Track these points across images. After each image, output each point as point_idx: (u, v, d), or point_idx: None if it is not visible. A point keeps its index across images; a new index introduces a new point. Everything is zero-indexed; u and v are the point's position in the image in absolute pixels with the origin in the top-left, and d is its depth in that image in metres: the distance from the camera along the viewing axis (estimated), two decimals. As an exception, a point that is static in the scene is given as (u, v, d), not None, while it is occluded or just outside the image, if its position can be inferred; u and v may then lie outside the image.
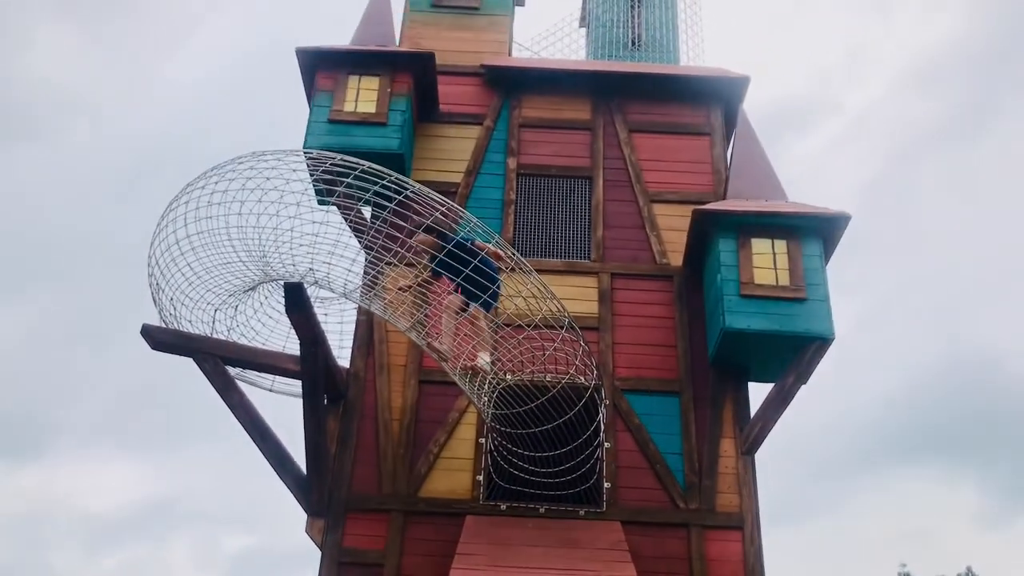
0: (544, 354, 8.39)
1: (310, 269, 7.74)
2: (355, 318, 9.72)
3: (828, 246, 9.52)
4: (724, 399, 9.30)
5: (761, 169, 10.18)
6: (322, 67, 10.48)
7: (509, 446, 8.70)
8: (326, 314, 9.79)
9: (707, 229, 9.53)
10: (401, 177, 7.58)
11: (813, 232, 9.38)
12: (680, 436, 9.14)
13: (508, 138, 10.95)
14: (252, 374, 9.75)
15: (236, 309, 9.25)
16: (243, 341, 9.41)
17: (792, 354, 8.91)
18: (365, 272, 8.49)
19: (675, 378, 9.44)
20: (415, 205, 7.66)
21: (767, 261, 9.24)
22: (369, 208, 8.95)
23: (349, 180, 7.74)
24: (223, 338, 9.12)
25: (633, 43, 13.38)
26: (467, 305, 7.82)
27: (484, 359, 7.72)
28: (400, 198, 7.52)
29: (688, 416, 9.22)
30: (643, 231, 10.34)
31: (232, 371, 9.51)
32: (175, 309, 8.95)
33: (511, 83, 11.26)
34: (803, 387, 9.05)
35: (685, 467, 8.97)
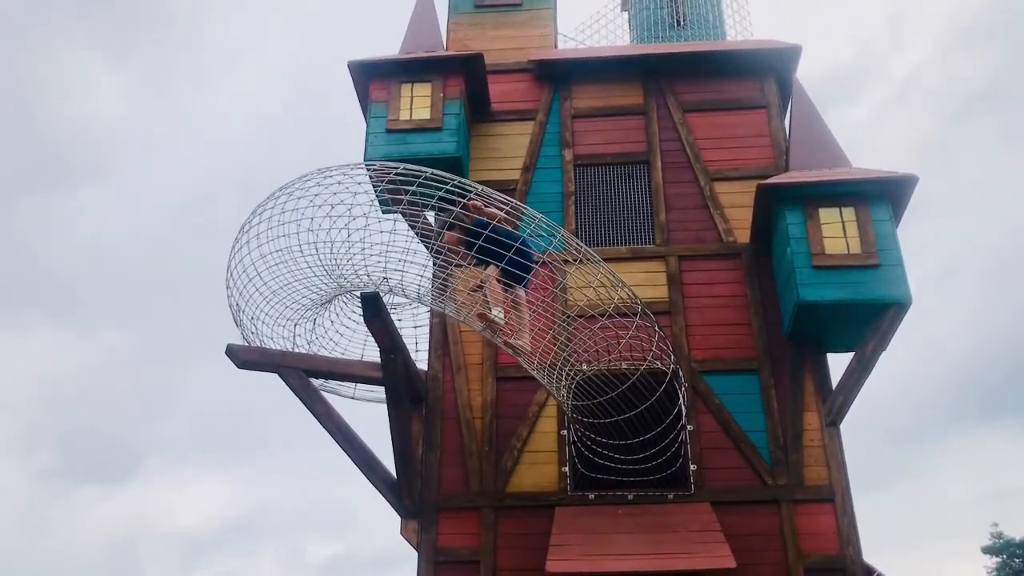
0: (619, 343, 8.44)
1: (384, 278, 7.90)
2: (428, 321, 9.89)
3: (896, 210, 9.37)
4: (803, 372, 9.24)
5: (821, 137, 10.06)
6: (374, 78, 10.64)
7: (592, 436, 8.77)
8: (400, 319, 10.01)
9: (772, 203, 9.46)
10: (464, 180, 7.69)
11: (881, 197, 9.25)
12: (762, 413, 9.11)
13: (562, 130, 10.99)
14: (334, 383, 10.00)
15: (314, 322, 9.49)
16: (324, 352, 9.67)
17: (869, 321, 8.82)
18: (435, 276, 8.65)
19: (752, 356, 9.41)
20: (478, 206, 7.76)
21: (836, 230, 9.15)
22: (434, 213, 9.12)
23: (413, 188, 7.89)
24: (304, 351, 9.37)
25: (677, 23, 13.29)
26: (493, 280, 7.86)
27: (497, 314, 7.65)
28: (465, 201, 7.65)
29: (768, 392, 9.18)
30: (706, 211, 10.30)
31: (315, 382, 9.77)
32: (256, 327, 9.22)
33: (560, 75, 11.30)
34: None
35: (770, 443, 8.94)
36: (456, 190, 7.54)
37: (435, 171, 7.66)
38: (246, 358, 9.06)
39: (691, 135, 10.79)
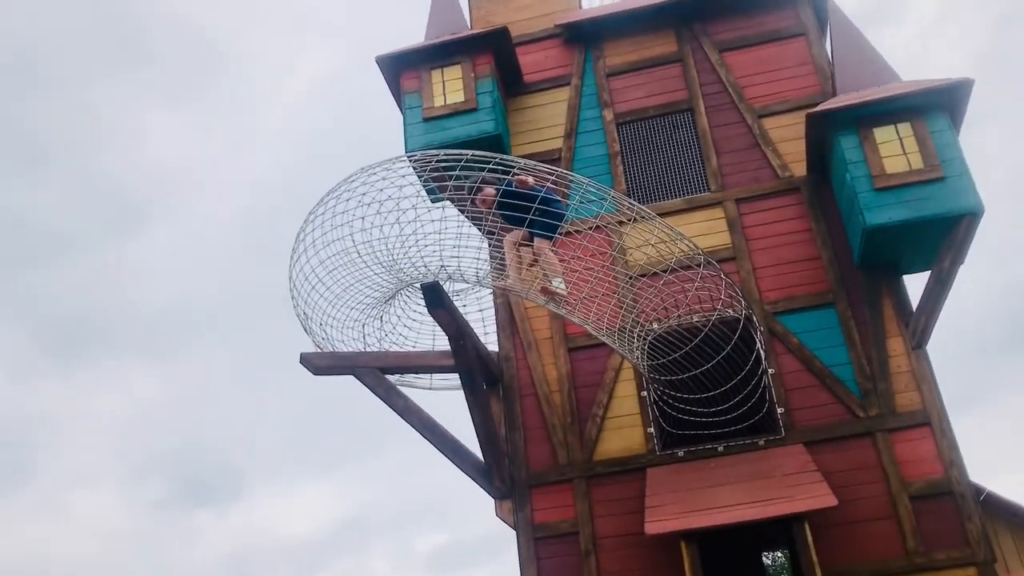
0: (686, 296, 8.31)
1: (441, 266, 7.90)
2: (492, 303, 9.87)
3: (955, 119, 9.01)
4: (881, 299, 8.98)
5: (866, 56, 9.70)
6: (404, 69, 10.60)
7: (673, 393, 8.67)
8: (464, 305, 10.01)
9: (825, 131, 9.17)
10: (505, 157, 7.62)
11: (936, 107, 8.90)
12: (844, 346, 8.89)
13: (599, 91, 10.83)
14: (410, 378, 10.06)
15: (381, 320, 9.55)
16: (395, 348, 9.73)
17: (942, 237, 8.52)
18: (492, 256, 8.63)
19: (826, 289, 9.17)
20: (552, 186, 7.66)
21: (895, 148, 8.83)
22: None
23: (456, 174, 7.86)
24: (376, 349, 9.43)
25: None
26: (531, 240, 7.81)
27: (559, 284, 7.65)
28: (510, 177, 7.59)
29: (848, 324, 8.94)
30: (758, 149, 10.05)
31: (391, 379, 9.84)
32: (326, 332, 9.32)
33: (589, 36, 11.12)
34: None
35: (856, 375, 8.72)
36: (500, 167, 7.49)
37: (475, 152, 7.61)
38: (320, 364, 9.16)
39: (731, 75, 10.52)
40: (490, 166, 7.63)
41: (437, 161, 8.09)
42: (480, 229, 8.63)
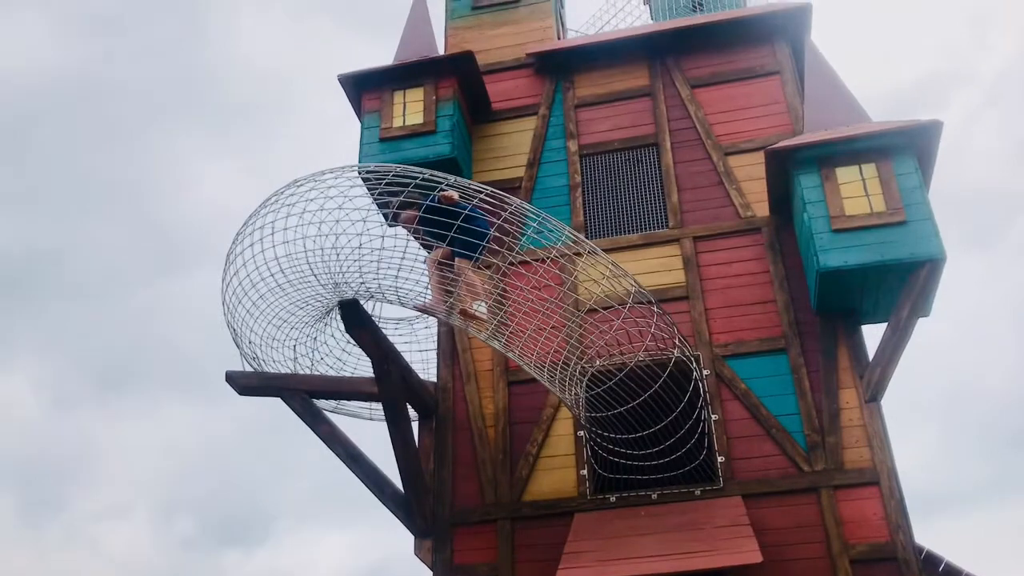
0: (627, 334, 7.87)
1: (361, 283, 7.53)
2: (436, 331, 9.49)
3: (924, 162, 8.57)
4: (836, 348, 8.47)
5: (837, 96, 9.30)
6: (366, 89, 10.39)
7: (605, 434, 8.18)
8: (412, 334, 9.67)
9: (785, 169, 8.77)
10: (435, 174, 7.30)
11: (903, 149, 8.47)
12: (794, 395, 8.37)
13: (565, 122, 10.52)
14: (353, 407, 9.68)
15: (316, 340, 9.18)
16: (332, 372, 9.35)
17: (902, 284, 8.03)
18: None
19: (779, 334, 8.68)
20: (485, 207, 7.32)
21: (856, 189, 8.40)
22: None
23: (408, 190, 7.53)
24: (307, 372, 9.06)
25: (697, 6, 12.69)
26: (453, 258, 7.46)
27: (480, 308, 7.27)
28: (435, 193, 7.25)
29: (799, 372, 8.44)
30: (721, 187, 9.65)
31: (330, 404, 9.47)
32: (256, 352, 8.96)
33: (560, 66, 10.85)
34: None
35: (804, 427, 8.19)
36: (427, 184, 7.16)
37: (405, 167, 7.32)
38: (246, 383, 8.78)
39: (700, 111, 10.18)
40: (415, 182, 7.33)
41: (394, 175, 7.81)
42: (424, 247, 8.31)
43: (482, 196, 7.11)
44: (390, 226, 7.46)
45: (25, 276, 39.31)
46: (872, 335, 8.54)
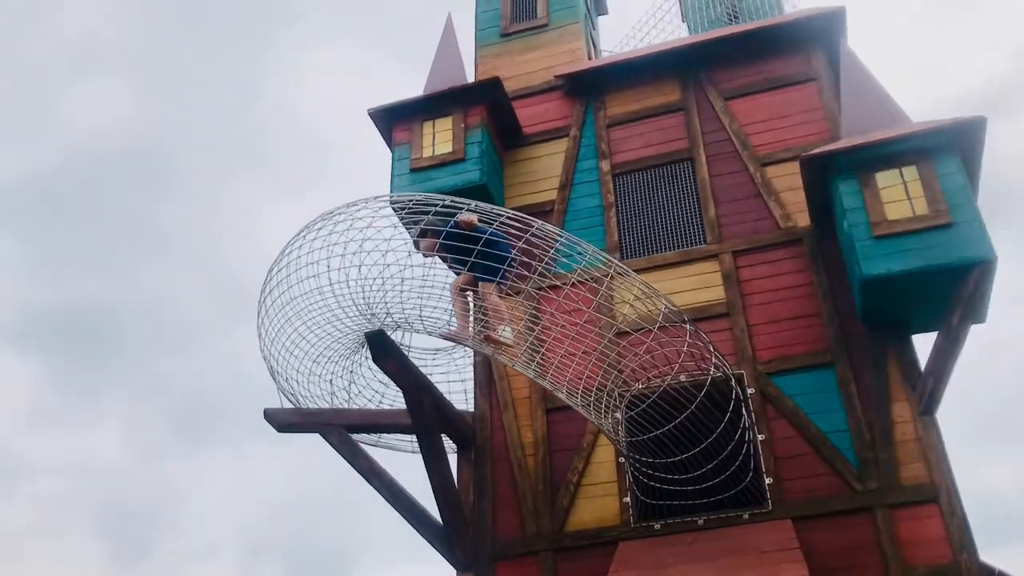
0: (663, 356, 7.63)
1: (387, 313, 7.46)
2: (472, 361, 9.35)
3: (969, 162, 8.19)
4: (886, 359, 8.09)
5: (874, 100, 8.95)
6: (396, 122, 10.38)
7: (647, 460, 7.91)
8: (451, 363, 9.55)
9: (823, 176, 8.47)
10: (456, 200, 7.22)
11: (945, 149, 8.10)
12: (843, 410, 8.00)
13: (597, 142, 10.37)
14: (391, 438, 9.59)
15: (352, 373, 9.13)
16: (371, 405, 9.28)
17: (951, 289, 7.64)
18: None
19: (825, 348, 8.34)
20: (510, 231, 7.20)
21: (897, 193, 8.05)
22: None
23: (429, 217, 7.50)
24: (345, 406, 8.99)
25: (733, 17, 12.46)
26: (476, 283, 7.31)
27: (505, 333, 7.11)
28: (454, 219, 7.15)
29: (848, 387, 8.07)
30: (759, 199, 9.37)
31: (371, 438, 9.40)
32: (293, 388, 8.94)
33: (589, 87, 10.72)
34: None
35: (855, 443, 7.81)
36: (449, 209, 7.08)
37: (427, 195, 7.27)
38: (285, 420, 8.75)
39: (735, 123, 9.92)
40: (436, 209, 7.26)
41: (404, 209, 7.77)
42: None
43: (503, 220, 6.98)
44: (417, 255, 7.37)
45: (109, 329, 40.67)
46: (924, 345, 8.14)
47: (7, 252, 41.02)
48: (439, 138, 10.08)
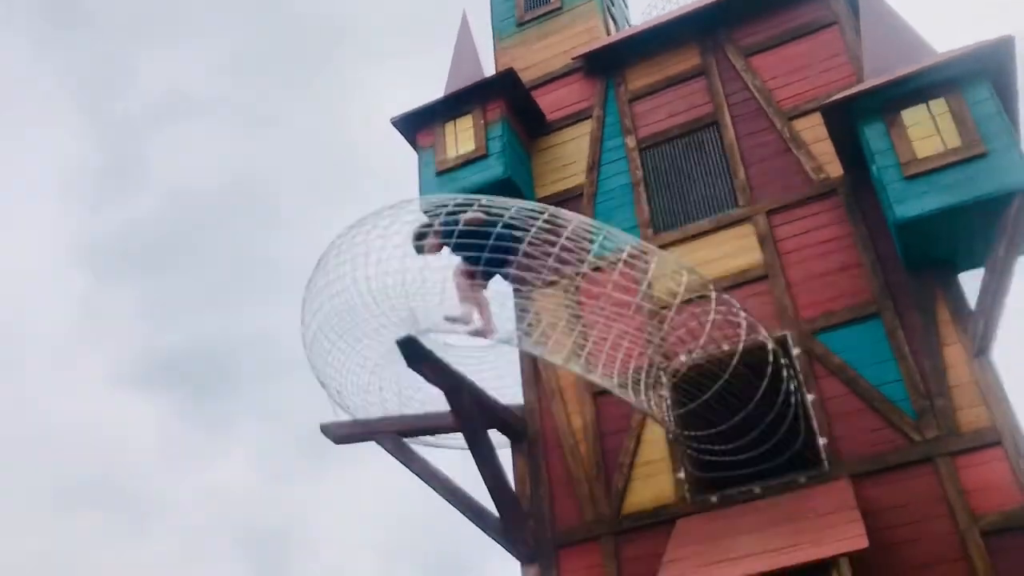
0: (700, 330, 7.51)
1: (411, 315, 7.52)
2: (516, 354, 9.35)
3: (1003, 88, 7.81)
4: (934, 303, 7.78)
5: (898, 37, 8.59)
6: (420, 127, 10.45)
7: (698, 434, 7.79)
8: (497, 358, 9.55)
9: (848, 122, 8.19)
10: (470, 197, 7.25)
11: (973, 76, 7.74)
12: (893, 360, 7.72)
13: (620, 118, 10.23)
14: (447, 440, 9.66)
15: (400, 379, 9.22)
16: (423, 408, 9.35)
17: (994, 222, 7.30)
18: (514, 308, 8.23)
19: (869, 299, 8.05)
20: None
21: (926, 129, 7.73)
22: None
23: (439, 222, 7.57)
24: (395, 413, 9.10)
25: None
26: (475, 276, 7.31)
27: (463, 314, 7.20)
28: (466, 217, 7.17)
29: (896, 336, 7.78)
30: (789, 154, 9.10)
31: (429, 440, 9.49)
32: (345, 400, 9.10)
33: (608, 64, 10.59)
34: (1025, 256, 7.38)
35: (909, 393, 7.52)
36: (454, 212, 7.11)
37: (468, 196, 7.35)
38: (340, 432, 8.93)
39: (757, 79, 9.67)
40: (448, 209, 7.30)
41: (428, 212, 7.85)
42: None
43: (511, 213, 6.96)
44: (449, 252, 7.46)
45: (225, 364, 42.36)
46: (972, 284, 7.78)
47: (123, 301, 43.05)
48: (461, 137, 10.11)
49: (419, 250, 7.32)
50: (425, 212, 8.20)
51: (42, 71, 44.51)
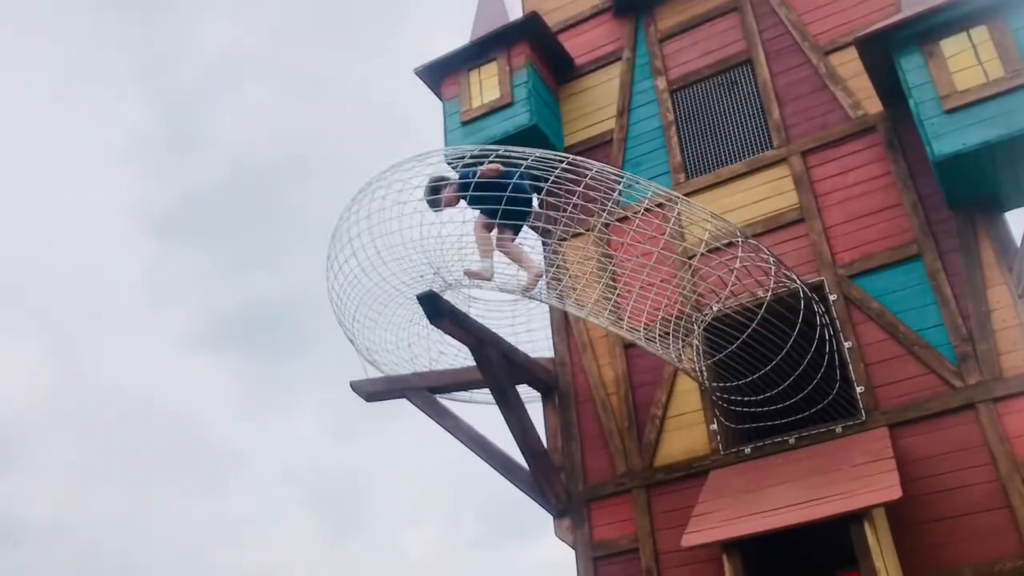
0: (729, 278, 7.28)
1: (435, 272, 7.43)
2: (546, 307, 9.20)
3: (1051, 10, 7.32)
4: (977, 243, 7.42)
5: (939, -42, 8.12)
6: (444, 77, 10.23)
7: (732, 384, 7.60)
8: (527, 313, 9.44)
9: (885, 56, 7.77)
10: (487, 148, 7.09)
11: (1017, 1, 7.26)
12: (935, 304, 7.40)
13: (651, 59, 9.89)
14: (479, 395, 9.61)
15: (429, 336, 9.17)
16: (454, 364, 9.31)
17: (1040, 155, 6.89)
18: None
19: (910, 240, 7.71)
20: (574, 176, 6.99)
21: (967, 59, 7.30)
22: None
23: (463, 169, 7.43)
24: (426, 369, 9.06)
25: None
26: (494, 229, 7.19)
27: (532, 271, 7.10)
28: (482, 168, 7.00)
29: (938, 278, 7.45)
30: (826, 91, 8.71)
31: (464, 395, 9.46)
32: (374, 357, 9.08)
33: (637, 2, 10.20)
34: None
35: (951, 338, 7.22)
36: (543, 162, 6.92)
37: (485, 147, 7.19)
38: (371, 390, 8.92)
39: (792, 13, 9.23)
40: (465, 160, 7.15)
41: (453, 164, 7.71)
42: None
43: (530, 161, 6.77)
44: (436, 211, 7.26)
45: (292, 320, 43.20)
46: (1018, 222, 7.41)
47: (188, 266, 43.90)
48: (486, 85, 9.87)
49: (432, 204, 7.17)
50: (449, 164, 8.08)
51: (103, 37, 45.03)
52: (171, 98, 46.35)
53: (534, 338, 9.22)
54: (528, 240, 8.14)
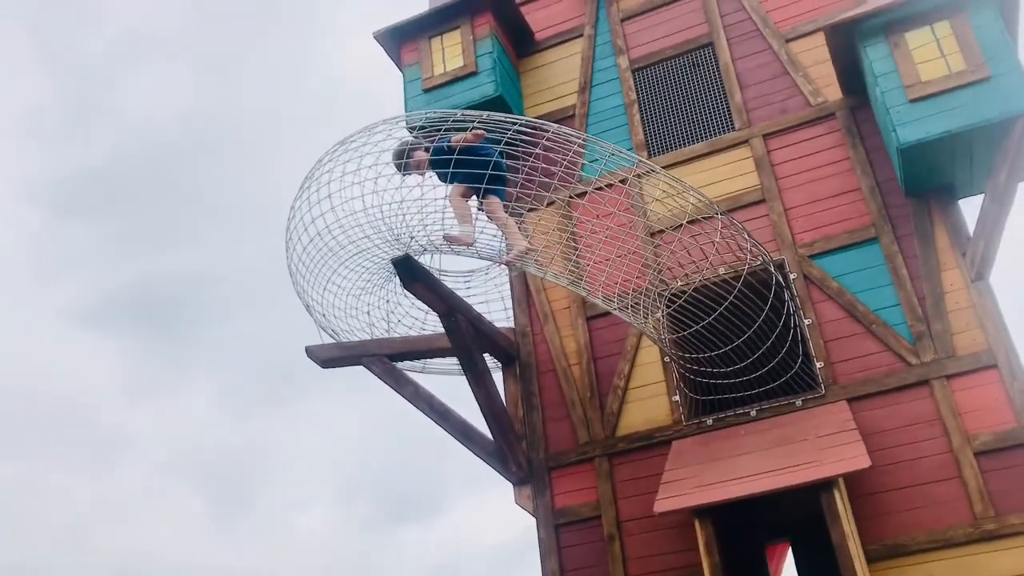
0: (698, 250, 7.43)
1: (410, 236, 7.33)
2: (504, 279, 9.22)
3: (1008, 11, 7.71)
4: (932, 228, 7.78)
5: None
6: (404, 42, 10.08)
7: (693, 356, 7.77)
8: (485, 284, 9.41)
9: (851, 44, 8.05)
10: (469, 112, 7.01)
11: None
12: (891, 285, 7.74)
13: (613, 38, 9.97)
14: (436, 364, 9.55)
15: (388, 303, 9.06)
16: (411, 332, 9.22)
17: (996, 147, 7.26)
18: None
19: (868, 223, 8.03)
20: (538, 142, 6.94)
21: (930, 51, 7.62)
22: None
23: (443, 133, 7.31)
24: (384, 336, 8.95)
25: None
26: (473, 195, 7.15)
27: (520, 245, 6.98)
28: (467, 134, 6.94)
29: (895, 260, 7.79)
30: (786, 76, 8.96)
31: (417, 365, 9.37)
32: (331, 323, 8.91)
33: (600, -20, 10.28)
34: (1026, 181, 7.38)
35: (907, 317, 7.56)
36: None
37: (430, 112, 7.07)
38: (327, 356, 8.74)
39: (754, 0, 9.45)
40: (446, 127, 7.06)
41: (421, 128, 7.58)
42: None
43: (515, 129, 6.74)
44: (404, 175, 7.14)
45: (187, 302, 41.69)
46: (972, 209, 7.80)
47: (84, 239, 41.95)
48: (449, 53, 9.78)
49: (401, 168, 7.05)
50: (420, 128, 7.94)
51: (2, 9, 42.50)
52: (70, 72, 44.24)
53: (489, 310, 9.23)
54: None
